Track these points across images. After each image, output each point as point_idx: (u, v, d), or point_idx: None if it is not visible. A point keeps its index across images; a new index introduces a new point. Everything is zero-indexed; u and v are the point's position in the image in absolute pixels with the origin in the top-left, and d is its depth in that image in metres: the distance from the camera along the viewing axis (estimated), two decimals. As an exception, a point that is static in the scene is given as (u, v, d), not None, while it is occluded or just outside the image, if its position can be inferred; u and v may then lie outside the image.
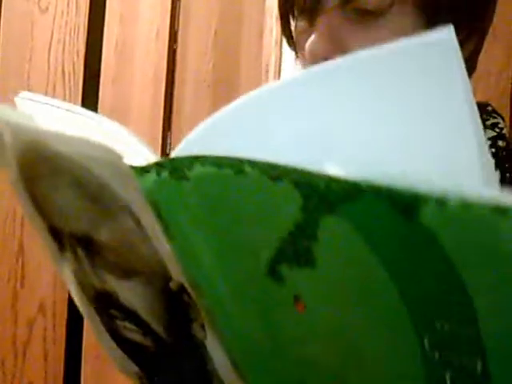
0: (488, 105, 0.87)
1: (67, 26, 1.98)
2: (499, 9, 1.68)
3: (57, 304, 1.95)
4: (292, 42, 0.82)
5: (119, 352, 0.60)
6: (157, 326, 0.53)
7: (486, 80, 1.67)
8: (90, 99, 1.98)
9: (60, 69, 1.98)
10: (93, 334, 1.82)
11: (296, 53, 0.84)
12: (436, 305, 0.41)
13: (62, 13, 1.98)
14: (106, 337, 0.60)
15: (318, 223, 0.41)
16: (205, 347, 0.52)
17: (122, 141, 0.48)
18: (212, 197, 0.44)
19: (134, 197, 0.46)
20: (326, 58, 0.75)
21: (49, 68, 1.98)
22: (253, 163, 0.41)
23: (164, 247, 0.46)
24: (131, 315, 0.55)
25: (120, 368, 0.62)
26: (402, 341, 0.43)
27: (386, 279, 0.41)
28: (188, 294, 0.49)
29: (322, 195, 0.40)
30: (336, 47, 0.76)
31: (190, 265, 0.46)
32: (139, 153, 0.47)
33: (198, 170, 0.43)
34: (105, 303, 0.57)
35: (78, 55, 1.98)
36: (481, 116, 0.86)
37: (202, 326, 0.51)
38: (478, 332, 0.40)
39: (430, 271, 0.39)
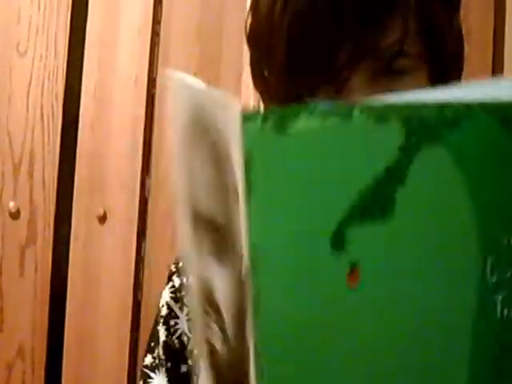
0: None
1: (46, 70, 1.99)
2: (480, 57, 1.70)
3: (36, 348, 1.94)
4: None
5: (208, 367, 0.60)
6: (230, 329, 0.54)
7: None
8: (68, 143, 1.99)
9: (39, 112, 1.98)
10: (72, 379, 1.80)
11: None
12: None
13: (41, 56, 1.99)
14: (203, 343, 0.60)
15: (411, 161, 0.43)
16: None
17: None
18: (304, 153, 0.45)
19: (236, 148, 0.47)
20: None
21: (27, 111, 1.98)
22: (364, 107, 0.43)
23: (243, 216, 0.48)
24: (218, 315, 0.55)
25: None
26: (462, 273, 0.45)
27: (470, 206, 0.43)
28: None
29: (428, 125, 0.42)
30: None
31: (257, 228, 0.46)
32: None
33: (300, 122, 0.44)
34: (205, 297, 0.57)
35: (56, 99, 1.98)
36: None
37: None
38: None
39: None
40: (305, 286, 0.46)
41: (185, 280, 0.63)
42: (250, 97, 1.88)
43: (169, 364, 0.92)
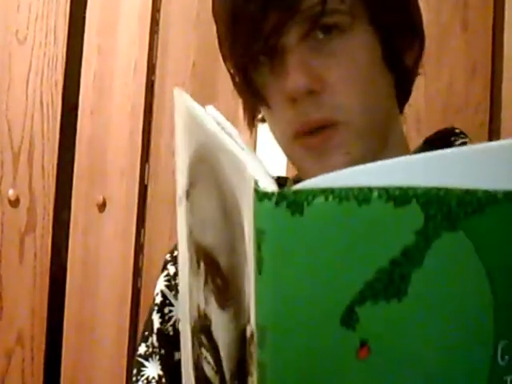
0: (455, 128, 0.91)
1: (45, 57, 1.98)
2: (479, 45, 1.70)
3: (35, 336, 1.94)
4: (257, 94, 0.82)
5: None
6: (226, 369, 0.54)
7: (464, 112, 1.69)
8: (68, 130, 1.99)
9: (38, 100, 1.98)
10: (71, 366, 1.80)
11: (260, 104, 0.84)
12: None
13: (40, 44, 1.99)
14: (189, 365, 0.60)
15: (429, 245, 0.44)
16: None
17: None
18: (319, 234, 0.44)
19: (249, 221, 0.46)
20: (309, 91, 0.78)
21: (27, 99, 1.98)
22: (383, 189, 0.43)
23: (251, 284, 0.47)
24: (213, 348, 0.55)
25: None
26: (475, 355, 0.46)
27: (486, 290, 0.44)
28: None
29: (449, 211, 0.43)
30: (313, 78, 0.78)
31: (266, 306, 0.46)
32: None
33: (317, 204, 0.43)
34: (200, 327, 0.57)
35: (56, 86, 1.98)
36: (449, 137, 0.89)
37: None
38: None
39: None
40: (314, 362, 0.46)
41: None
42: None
43: (162, 351, 0.92)
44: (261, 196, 0.44)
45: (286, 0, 0.77)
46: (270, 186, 0.44)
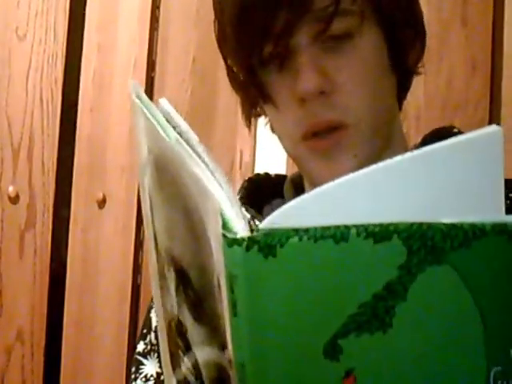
0: (453, 127, 0.90)
1: (45, 54, 1.98)
2: (479, 42, 1.70)
3: (35, 332, 1.94)
4: (263, 92, 0.82)
5: None
6: (205, 376, 0.53)
7: (464, 109, 1.69)
8: (68, 127, 1.98)
9: (38, 96, 1.98)
10: (71, 362, 1.79)
11: (265, 103, 0.83)
12: None
13: (40, 40, 1.98)
14: (167, 361, 0.59)
15: (413, 279, 0.43)
16: None
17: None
18: (296, 275, 0.44)
19: (220, 261, 0.45)
20: (320, 92, 0.77)
21: (27, 95, 1.98)
22: (361, 226, 0.42)
23: (225, 311, 0.46)
24: (191, 354, 0.54)
25: None
26: (467, 381, 0.46)
27: (476, 321, 0.44)
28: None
29: (433, 246, 0.43)
30: (324, 78, 0.78)
31: (244, 346, 0.45)
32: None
33: (291, 244, 0.43)
34: (176, 330, 0.56)
35: (55, 83, 1.98)
36: (447, 138, 0.89)
37: None
38: None
39: None
40: None
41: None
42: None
43: None
44: (230, 242, 0.43)
45: None
46: (238, 224, 0.43)
